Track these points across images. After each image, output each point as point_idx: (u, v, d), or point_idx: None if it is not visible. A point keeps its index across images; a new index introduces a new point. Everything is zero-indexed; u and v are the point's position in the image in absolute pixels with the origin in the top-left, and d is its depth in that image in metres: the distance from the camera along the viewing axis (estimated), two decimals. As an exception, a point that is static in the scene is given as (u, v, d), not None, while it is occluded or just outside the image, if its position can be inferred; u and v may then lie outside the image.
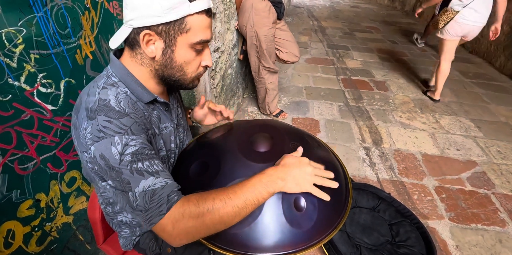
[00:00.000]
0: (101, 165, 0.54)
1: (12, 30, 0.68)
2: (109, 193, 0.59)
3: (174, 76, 0.65)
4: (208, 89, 1.66)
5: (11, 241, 0.74)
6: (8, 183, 0.72)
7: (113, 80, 0.62)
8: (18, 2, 0.68)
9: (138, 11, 0.56)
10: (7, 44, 0.67)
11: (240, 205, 0.57)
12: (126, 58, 0.64)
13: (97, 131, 0.54)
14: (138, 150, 0.56)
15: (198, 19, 0.60)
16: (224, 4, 1.80)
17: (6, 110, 0.69)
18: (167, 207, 0.54)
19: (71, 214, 0.96)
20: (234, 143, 0.80)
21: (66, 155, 0.90)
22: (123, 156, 0.54)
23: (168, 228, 0.54)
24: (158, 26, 0.57)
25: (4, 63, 0.67)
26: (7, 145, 0.71)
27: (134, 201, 0.54)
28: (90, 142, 0.54)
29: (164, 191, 0.55)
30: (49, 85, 0.80)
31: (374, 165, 1.99)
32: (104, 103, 0.57)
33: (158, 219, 0.54)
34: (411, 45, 4.59)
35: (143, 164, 0.55)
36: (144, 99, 0.65)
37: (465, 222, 1.58)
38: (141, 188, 0.54)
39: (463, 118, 2.61)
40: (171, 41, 0.60)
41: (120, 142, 0.54)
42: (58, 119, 0.85)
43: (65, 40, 0.83)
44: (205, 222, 0.55)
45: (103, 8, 0.97)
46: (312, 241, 0.66)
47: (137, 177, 0.54)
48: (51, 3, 0.77)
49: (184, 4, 0.56)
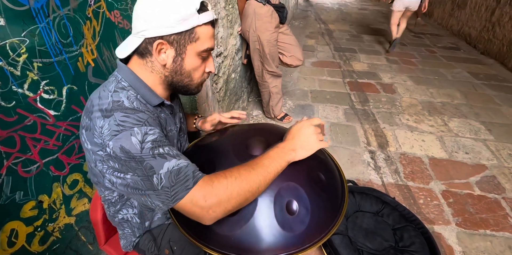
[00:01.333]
0: (121, 158, 0.56)
1: (16, 41, 0.72)
2: (121, 188, 0.60)
3: (183, 82, 0.70)
4: (210, 94, 1.68)
5: (14, 240, 0.78)
6: (12, 184, 0.76)
7: (123, 84, 0.66)
8: (21, 14, 0.72)
9: (152, 22, 0.61)
10: (11, 54, 0.71)
11: (263, 174, 0.61)
12: (135, 66, 0.68)
13: (115, 125, 0.56)
14: (157, 138, 0.59)
15: (205, 29, 0.66)
16: (227, 10, 1.84)
17: (10, 116, 0.73)
18: (193, 181, 0.56)
19: (74, 215, 0.99)
20: (229, 146, 0.81)
21: (69, 158, 0.94)
22: (144, 143, 0.56)
23: (200, 201, 0.55)
24: (170, 36, 0.62)
25: (8, 72, 0.71)
26: (11, 148, 0.75)
27: (159, 183, 0.56)
28: (108, 138, 0.56)
29: (188, 168, 0.58)
30: (51, 92, 0.84)
31: (379, 169, 1.96)
32: (118, 104, 0.60)
33: (184, 193, 0.55)
34: (420, 47, 4.53)
35: (164, 148, 0.58)
36: (152, 102, 0.68)
37: (473, 227, 1.54)
38: (165, 169, 0.56)
39: (473, 120, 2.54)
40: (181, 49, 0.65)
41: (139, 131, 0.57)
42: (61, 124, 0.89)
43: (67, 49, 0.87)
44: (235, 190, 0.57)
45: (104, 17, 1.01)
46: (304, 245, 0.66)
47: (160, 160, 0.56)
48: (53, 14, 0.81)
49: (194, 16, 0.62)
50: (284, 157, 0.66)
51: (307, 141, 0.70)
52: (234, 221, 0.66)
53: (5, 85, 0.71)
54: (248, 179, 0.59)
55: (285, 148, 0.68)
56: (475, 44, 4.49)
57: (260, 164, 0.63)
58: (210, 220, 0.58)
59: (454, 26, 5.28)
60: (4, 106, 0.71)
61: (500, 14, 4.03)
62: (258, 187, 0.61)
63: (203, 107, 1.60)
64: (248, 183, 0.59)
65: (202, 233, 0.67)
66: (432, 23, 6.11)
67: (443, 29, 5.67)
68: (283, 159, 0.66)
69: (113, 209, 0.80)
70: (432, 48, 4.48)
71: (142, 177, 0.56)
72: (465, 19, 4.93)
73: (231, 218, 0.67)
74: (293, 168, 0.74)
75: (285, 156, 0.66)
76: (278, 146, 0.69)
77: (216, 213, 0.57)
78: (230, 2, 1.89)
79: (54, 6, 0.81)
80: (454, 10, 5.34)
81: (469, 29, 4.73)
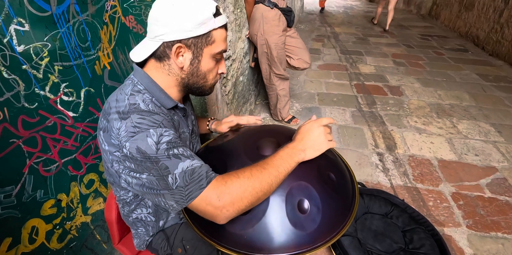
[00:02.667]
0: (137, 158, 0.58)
1: (39, 45, 0.75)
2: (137, 187, 0.61)
3: (198, 83, 0.73)
4: (220, 96, 1.71)
5: (35, 237, 0.81)
6: (33, 183, 0.79)
7: (138, 88, 0.68)
8: (44, 20, 0.76)
9: (171, 26, 0.63)
10: (34, 58, 0.75)
11: (274, 173, 0.63)
12: (151, 69, 0.70)
13: (132, 127, 0.59)
14: (172, 139, 0.61)
15: (220, 32, 0.69)
16: (235, 14, 1.87)
17: (33, 117, 0.76)
18: (207, 181, 0.58)
19: (89, 214, 1.02)
20: (241, 147, 0.82)
21: (85, 158, 0.97)
22: (159, 145, 0.58)
23: (213, 201, 0.57)
24: (188, 39, 0.65)
25: (32, 75, 0.74)
26: (33, 148, 0.78)
27: (174, 183, 0.57)
28: (124, 139, 0.58)
29: (202, 169, 0.59)
30: (70, 94, 0.88)
31: (387, 171, 1.96)
32: (135, 106, 0.62)
33: (198, 192, 0.57)
34: (427, 49, 4.51)
35: (178, 149, 0.60)
36: (167, 105, 0.71)
37: (484, 230, 1.52)
38: (180, 169, 0.58)
39: (483, 122, 2.52)
40: (198, 52, 0.68)
41: (155, 133, 0.59)
42: (79, 125, 0.92)
43: (85, 53, 0.91)
44: (248, 190, 0.59)
45: (120, 22, 1.05)
46: (316, 243, 0.67)
47: (175, 160, 0.58)
48: (73, 19, 0.85)
49: (211, 20, 0.65)
50: (294, 157, 0.68)
51: (316, 141, 0.71)
52: (246, 220, 0.68)
53: (28, 87, 0.74)
54: (260, 178, 0.61)
55: (295, 148, 0.69)
56: (483, 46, 4.45)
57: (271, 164, 0.64)
58: (224, 219, 0.59)
59: (461, 28, 5.25)
60: (27, 107, 0.74)
61: (508, 15, 4.00)
62: (270, 186, 0.62)
63: (213, 109, 1.63)
64: (260, 183, 0.60)
65: (215, 232, 0.68)
66: (439, 25, 6.08)
67: (450, 31, 5.64)
68: (293, 159, 0.67)
69: (127, 209, 0.82)
70: (440, 50, 4.46)
71: (157, 177, 0.58)
72: (472, 21, 4.89)
73: (243, 217, 0.68)
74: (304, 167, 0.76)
75: (295, 156, 0.68)
76: (288, 146, 0.70)
77: (229, 212, 0.58)
78: (239, 7, 1.93)
79: (74, 12, 0.85)
80: (461, 12, 5.30)
81: (477, 31, 4.70)
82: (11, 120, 0.70)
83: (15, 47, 0.69)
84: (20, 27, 0.70)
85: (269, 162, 0.65)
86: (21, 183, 0.75)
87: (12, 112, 0.71)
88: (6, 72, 0.68)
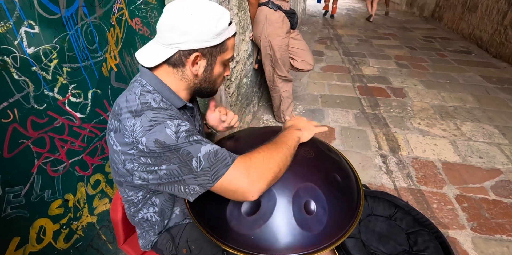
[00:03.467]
0: (155, 151, 0.58)
1: (48, 47, 0.77)
2: (154, 182, 0.62)
3: (208, 88, 0.76)
4: (224, 98, 1.72)
5: (42, 237, 0.82)
6: (41, 183, 0.80)
7: (148, 88, 0.68)
8: (53, 22, 0.77)
9: (189, 36, 0.64)
10: (44, 59, 0.76)
11: (286, 147, 0.71)
12: (162, 73, 0.71)
13: (148, 121, 0.60)
14: (189, 128, 0.62)
15: (231, 41, 0.72)
16: (239, 16, 1.88)
17: (41, 118, 0.77)
18: (232, 159, 0.60)
19: (95, 215, 1.03)
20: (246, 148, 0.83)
21: (92, 159, 0.98)
22: (178, 133, 0.60)
23: (243, 176, 0.59)
24: (205, 49, 0.67)
25: (41, 76, 0.76)
26: (41, 148, 0.79)
27: (198, 166, 0.58)
28: (140, 134, 0.58)
29: (223, 150, 0.62)
30: (78, 95, 0.89)
31: (391, 173, 1.95)
32: (147, 105, 0.64)
33: (225, 170, 0.59)
34: (430, 51, 4.51)
35: (197, 136, 0.62)
36: (176, 105, 0.72)
37: (489, 232, 1.51)
38: (203, 152, 0.59)
39: (487, 125, 2.51)
40: (212, 60, 0.70)
41: (172, 124, 0.61)
42: (86, 126, 0.93)
43: (92, 55, 0.92)
44: (271, 162, 0.64)
45: (126, 25, 1.06)
46: (322, 244, 0.67)
47: (196, 145, 0.60)
48: (81, 21, 0.86)
49: (226, 30, 0.68)
50: (294, 134, 0.77)
51: (305, 126, 0.85)
52: (253, 220, 0.68)
53: (37, 88, 0.75)
54: (278, 151, 0.67)
55: (291, 129, 0.80)
56: (487, 48, 4.44)
57: (280, 141, 0.72)
58: (256, 192, 0.60)
59: (464, 30, 5.24)
60: (36, 108, 0.75)
61: (512, 17, 3.99)
62: (286, 158, 0.68)
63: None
64: (278, 155, 0.67)
65: (222, 232, 0.69)
66: (442, 27, 6.07)
67: (453, 33, 5.63)
68: (295, 135, 0.77)
69: (134, 209, 0.82)
70: (443, 52, 4.45)
71: (179, 164, 0.58)
72: (476, 23, 4.88)
73: (250, 217, 0.68)
74: (310, 169, 0.76)
75: (294, 133, 0.78)
76: (285, 129, 0.81)
77: (260, 184, 0.60)
78: (242, 9, 1.94)
79: (82, 14, 0.86)
80: (465, 13, 5.30)
81: (481, 33, 4.69)
82: (20, 121, 0.72)
83: (25, 49, 0.70)
84: (30, 30, 0.71)
85: (277, 140, 0.73)
86: (29, 183, 0.76)
87: (22, 113, 0.72)
88: (16, 74, 0.69)
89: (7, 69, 0.67)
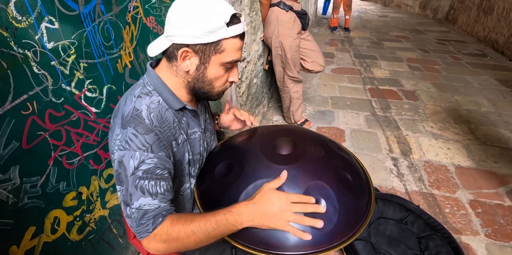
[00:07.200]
0: (117, 170, 0.64)
1: (67, 43, 0.79)
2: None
3: (204, 89, 0.72)
4: (234, 98, 1.73)
5: (56, 228, 0.83)
6: (57, 175, 0.81)
7: (148, 89, 0.70)
8: (72, 19, 0.79)
9: (180, 30, 0.63)
10: (62, 54, 0.78)
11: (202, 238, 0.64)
12: (163, 68, 0.72)
13: (125, 141, 0.62)
14: (151, 168, 0.62)
15: (232, 42, 0.66)
16: (251, 17, 1.90)
17: (58, 111, 0.80)
18: (153, 227, 0.62)
19: (107, 208, 1.05)
20: (257, 145, 0.83)
21: (105, 153, 0.99)
22: (136, 170, 0.61)
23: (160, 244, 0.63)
24: (196, 45, 0.64)
25: (60, 71, 0.78)
26: (58, 141, 0.81)
27: (132, 214, 0.63)
28: (116, 147, 0.63)
29: (153, 213, 0.62)
30: (94, 90, 0.91)
31: (402, 176, 1.92)
32: (136, 113, 0.64)
33: (146, 235, 0.62)
34: (444, 53, 4.42)
35: (149, 183, 0.62)
36: (174, 107, 0.72)
37: (504, 239, 1.47)
38: (137, 204, 0.62)
39: (502, 129, 2.44)
40: (205, 59, 0.67)
41: (138, 157, 0.62)
42: (100, 121, 0.95)
43: (108, 51, 0.94)
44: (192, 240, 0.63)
45: (141, 23, 1.08)
46: (333, 243, 0.67)
47: (139, 193, 0.62)
48: (98, 18, 0.88)
49: (222, 29, 0.63)
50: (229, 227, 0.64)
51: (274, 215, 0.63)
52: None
53: (56, 82, 0.77)
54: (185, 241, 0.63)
55: (240, 215, 0.63)
56: (503, 51, 4.33)
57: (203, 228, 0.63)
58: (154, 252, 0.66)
59: (480, 33, 5.13)
60: (54, 102, 0.78)
61: (530, 20, 3.88)
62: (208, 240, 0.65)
63: (227, 110, 1.65)
64: (195, 245, 0.64)
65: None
66: (456, 30, 5.96)
67: (468, 35, 5.52)
68: (228, 229, 0.64)
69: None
70: (457, 55, 4.36)
71: (125, 198, 0.63)
72: (492, 25, 4.78)
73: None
74: (321, 167, 0.76)
75: (233, 225, 0.64)
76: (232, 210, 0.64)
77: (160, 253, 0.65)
78: (254, 9, 1.95)
79: (100, 12, 0.89)
80: (480, 16, 5.19)
81: (496, 35, 4.58)
82: (39, 114, 0.74)
83: (45, 44, 0.73)
84: (51, 25, 0.73)
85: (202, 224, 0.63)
86: (46, 174, 0.78)
87: (40, 106, 0.74)
88: (36, 68, 0.71)
89: (28, 63, 0.69)
